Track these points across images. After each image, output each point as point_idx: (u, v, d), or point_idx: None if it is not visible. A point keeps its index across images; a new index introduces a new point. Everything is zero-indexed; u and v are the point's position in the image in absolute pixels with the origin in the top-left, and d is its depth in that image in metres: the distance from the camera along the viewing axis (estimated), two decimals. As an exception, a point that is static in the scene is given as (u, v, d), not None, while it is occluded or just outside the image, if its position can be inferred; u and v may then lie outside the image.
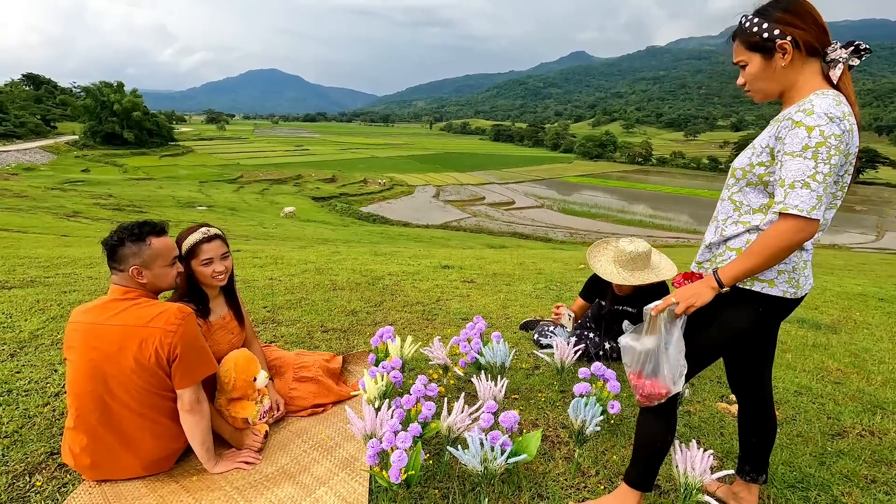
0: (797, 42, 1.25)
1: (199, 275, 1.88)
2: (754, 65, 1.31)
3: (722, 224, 1.40)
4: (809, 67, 1.28)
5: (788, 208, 1.16)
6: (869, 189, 67.65)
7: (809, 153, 1.15)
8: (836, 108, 1.18)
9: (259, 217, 24.68)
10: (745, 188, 1.34)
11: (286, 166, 61.29)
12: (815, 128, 1.16)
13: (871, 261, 15.31)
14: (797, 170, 1.16)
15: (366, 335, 3.04)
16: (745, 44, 1.32)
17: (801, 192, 1.15)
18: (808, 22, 1.25)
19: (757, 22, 1.29)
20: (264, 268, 5.09)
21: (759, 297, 1.32)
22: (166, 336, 1.55)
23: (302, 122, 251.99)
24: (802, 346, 3.26)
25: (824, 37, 1.26)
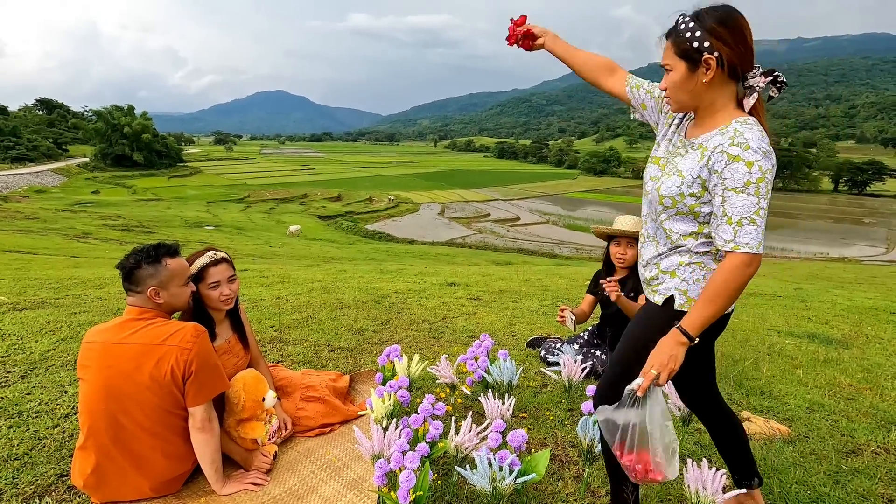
0: (722, 60, 1.20)
1: (206, 298, 1.90)
2: (678, 73, 1.26)
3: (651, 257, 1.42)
4: (728, 89, 1.26)
5: (740, 247, 1.18)
6: (877, 201, 67.23)
7: (752, 189, 1.16)
8: (764, 140, 1.18)
9: (265, 236, 24.88)
10: (675, 216, 1.33)
11: (292, 185, 61.90)
12: (753, 163, 1.15)
13: (881, 274, 15.14)
14: (743, 206, 1.17)
15: (373, 354, 3.04)
16: (676, 48, 1.26)
17: (749, 228, 1.17)
18: (739, 42, 1.21)
19: (692, 27, 1.23)
20: (271, 287, 5.12)
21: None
22: (182, 353, 1.58)
23: (308, 142, 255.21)
24: (813, 361, 3.22)
25: (749, 61, 1.23)
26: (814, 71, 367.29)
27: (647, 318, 1.44)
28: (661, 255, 1.38)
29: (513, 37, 1.64)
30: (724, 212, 1.20)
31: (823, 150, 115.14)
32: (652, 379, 1.27)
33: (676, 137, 1.39)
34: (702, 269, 1.32)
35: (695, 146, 1.29)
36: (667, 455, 1.29)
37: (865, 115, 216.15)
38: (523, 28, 1.63)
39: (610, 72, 1.56)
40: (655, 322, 1.39)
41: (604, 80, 1.56)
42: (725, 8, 1.22)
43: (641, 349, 1.37)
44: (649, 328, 1.39)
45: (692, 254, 1.33)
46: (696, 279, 1.32)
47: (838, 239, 41.76)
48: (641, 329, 1.43)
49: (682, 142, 1.36)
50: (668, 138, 1.42)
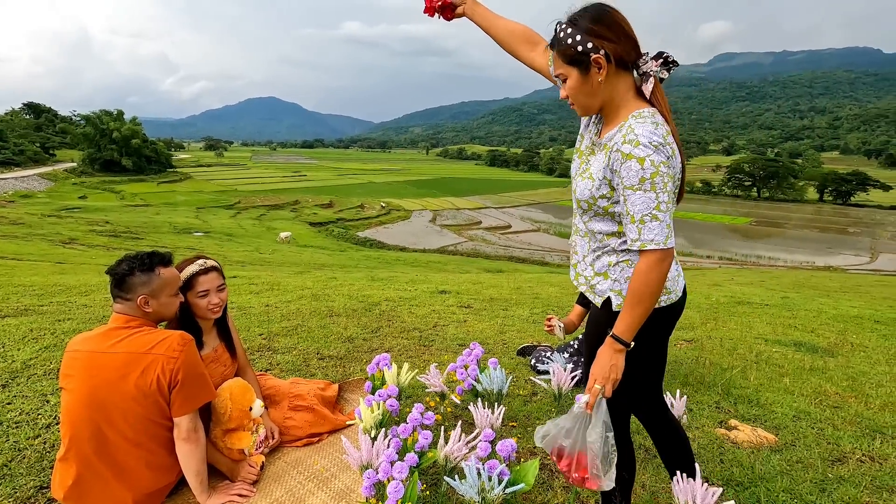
0: (609, 56, 1.19)
1: (195, 307, 1.88)
2: (573, 79, 1.26)
3: (582, 256, 1.42)
4: (623, 81, 1.25)
5: (647, 244, 1.18)
6: (861, 211, 68.44)
7: (647, 185, 1.15)
8: (657, 132, 1.17)
9: (256, 243, 24.70)
10: (595, 217, 1.34)
11: (284, 192, 61.67)
12: (645, 159, 1.14)
13: (866, 283, 15.37)
14: (642, 204, 1.17)
15: (362, 362, 3.02)
16: (563, 56, 1.25)
17: (652, 225, 1.17)
18: (620, 35, 1.20)
19: (570, 33, 1.22)
20: (260, 294, 5.08)
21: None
22: (168, 362, 1.56)
23: (300, 149, 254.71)
24: (799, 369, 3.25)
25: (635, 50, 1.23)
26: (799, 83, 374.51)
27: (593, 323, 1.45)
28: (594, 254, 1.38)
29: (430, 8, 1.58)
30: (627, 210, 1.20)
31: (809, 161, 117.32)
32: (597, 394, 1.27)
33: (594, 132, 1.38)
34: (630, 266, 1.31)
35: (601, 146, 1.29)
36: (604, 466, 1.29)
37: (849, 126, 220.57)
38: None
39: (531, 44, 1.48)
40: (601, 326, 1.39)
41: (524, 52, 1.48)
42: (596, 6, 1.23)
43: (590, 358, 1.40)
44: (597, 333, 1.40)
45: (618, 253, 1.32)
46: (627, 277, 1.31)
47: (824, 248, 42.39)
48: (591, 335, 1.45)
49: (594, 140, 1.35)
50: (589, 129, 1.40)
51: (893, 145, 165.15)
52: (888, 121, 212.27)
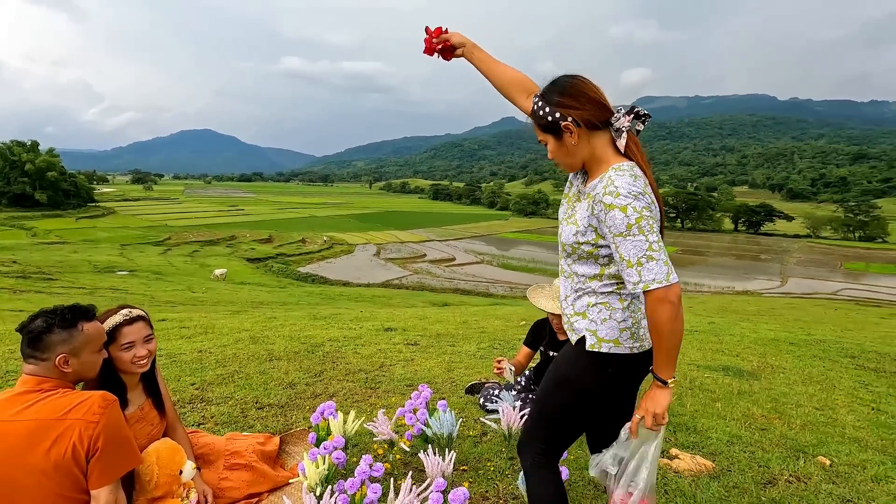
0: (578, 122, 1.32)
1: (118, 361, 1.73)
2: (551, 144, 1.40)
3: (565, 296, 1.48)
4: (600, 139, 1.35)
5: (649, 284, 1.23)
6: (770, 240, 75.34)
7: (635, 229, 1.23)
8: (635, 183, 1.26)
9: (187, 281, 23.29)
10: (578, 261, 1.40)
11: (219, 227, 59.10)
12: (627, 207, 1.23)
13: (778, 306, 16.79)
14: (635, 248, 1.23)
15: (305, 409, 2.88)
16: (539, 126, 1.41)
17: (650, 265, 1.23)
18: (584, 102, 1.32)
19: (541, 105, 1.37)
20: (192, 339, 4.75)
21: (608, 358, 1.37)
22: (87, 428, 1.39)
23: (237, 182, 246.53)
24: (729, 394, 3.45)
25: (603, 111, 1.33)
26: (710, 125, 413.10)
27: (562, 357, 1.49)
28: (575, 294, 1.43)
29: (430, 49, 1.63)
30: (621, 257, 1.26)
31: (723, 194, 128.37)
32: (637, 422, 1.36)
33: (581, 181, 1.46)
34: (607, 308, 1.37)
35: (586, 194, 1.38)
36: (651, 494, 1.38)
37: (755, 163, 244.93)
38: (441, 39, 1.62)
39: (528, 92, 1.55)
40: (570, 363, 1.44)
41: (521, 100, 1.56)
42: (563, 78, 1.37)
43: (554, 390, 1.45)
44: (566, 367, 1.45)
45: (598, 294, 1.38)
46: (603, 319, 1.37)
47: (741, 274, 46.04)
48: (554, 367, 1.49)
49: (580, 188, 1.44)
50: (577, 176, 1.49)
51: (793, 180, 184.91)
52: (786, 159, 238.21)
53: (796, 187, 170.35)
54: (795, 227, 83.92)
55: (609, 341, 1.36)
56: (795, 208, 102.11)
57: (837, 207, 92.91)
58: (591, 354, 1.37)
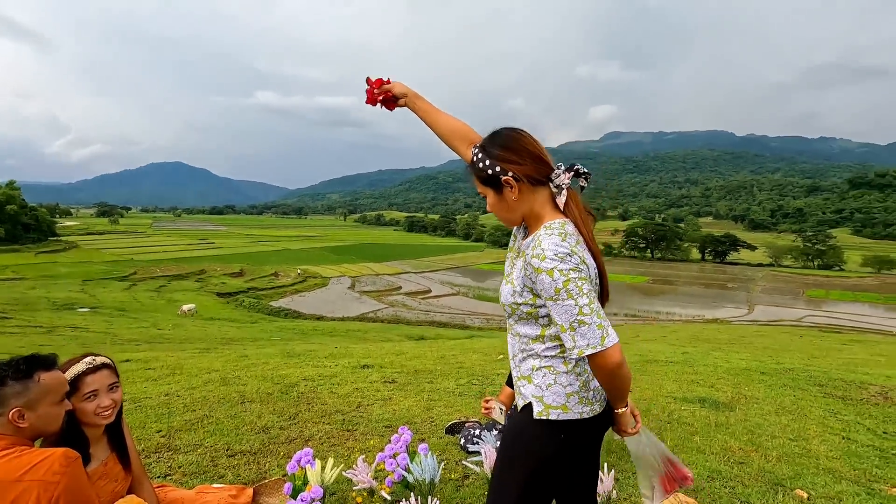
0: (518, 177, 1.29)
1: (81, 413, 1.63)
2: (491, 198, 1.36)
3: (512, 355, 1.42)
4: (540, 195, 1.33)
5: (583, 350, 1.19)
6: (736, 269, 77.96)
7: (563, 293, 1.18)
8: (562, 244, 1.22)
9: (153, 317, 22.43)
10: (519, 322, 1.35)
11: (188, 261, 57.64)
12: (553, 270, 1.18)
13: (747, 334, 17.21)
14: (566, 313, 1.19)
15: (279, 456, 2.76)
16: (478, 179, 1.37)
17: (582, 330, 1.18)
18: (525, 157, 1.30)
19: (481, 157, 1.33)
20: (159, 381, 4.55)
21: (557, 425, 1.30)
22: (47, 489, 1.30)
23: (208, 215, 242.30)
24: (706, 426, 3.48)
25: (543, 167, 1.31)
26: (674, 159, 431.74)
27: (510, 427, 1.42)
28: (521, 355, 1.37)
29: (372, 99, 1.64)
30: (555, 321, 1.23)
31: (689, 225, 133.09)
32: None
33: (521, 235, 1.43)
34: (552, 373, 1.31)
35: (521, 251, 1.34)
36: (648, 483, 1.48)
37: (718, 196, 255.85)
38: (382, 90, 1.63)
39: (469, 142, 1.54)
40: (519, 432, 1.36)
41: (463, 150, 1.56)
42: (504, 132, 1.35)
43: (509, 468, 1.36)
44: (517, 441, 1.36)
45: (542, 357, 1.33)
46: (549, 384, 1.31)
47: (710, 302, 47.25)
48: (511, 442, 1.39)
49: (520, 244, 1.40)
50: (519, 230, 1.45)
51: (753, 211, 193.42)
52: (747, 191, 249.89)
53: (757, 218, 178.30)
54: (758, 256, 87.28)
55: (556, 408, 1.30)
56: (757, 238, 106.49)
57: (796, 237, 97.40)
58: (540, 423, 1.31)
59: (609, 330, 1.20)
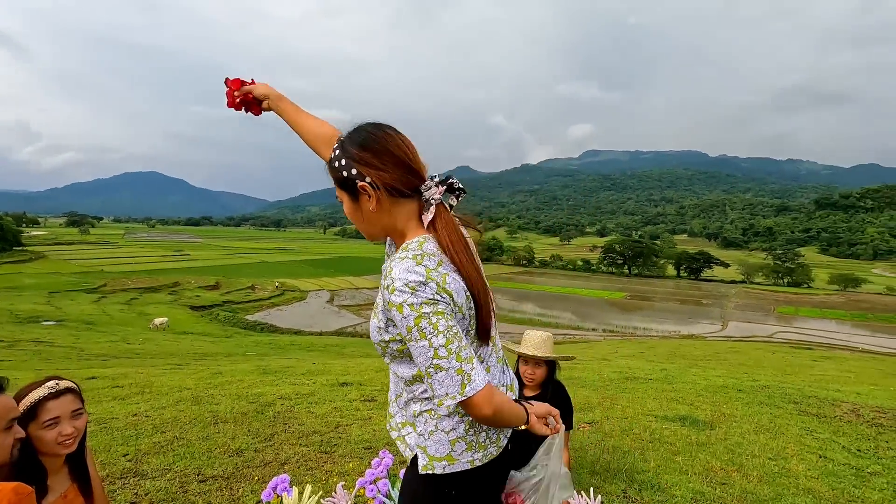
0: (376, 184, 1.06)
1: (39, 442, 1.51)
2: (346, 204, 1.14)
3: (395, 396, 1.22)
4: (405, 208, 1.11)
5: (443, 400, 1.00)
6: (710, 285, 79.79)
7: (416, 333, 0.98)
8: (415, 270, 1.00)
9: (123, 331, 21.72)
10: (393, 361, 1.13)
11: (161, 273, 56.22)
12: (402, 305, 0.98)
13: (722, 350, 17.52)
14: (421, 356, 1.00)
15: (254, 481, 2.64)
16: (333, 179, 1.14)
17: (438, 377, 0.99)
18: (387, 162, 1.07)
19: (338, 156, 1.11)
20: (127, 400, 4.36)
21: (445, 480, 1.10)
22: None
23: (184, 226, 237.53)
24: (688, 446, 3.48)
25: (410, 177, 1.08)
26: (651, 178, 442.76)
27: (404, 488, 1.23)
28: (404, 398, 1.17)
29: (232, 102, 1.53)
30: (417, 362, 1.03)
31: (665, 242, 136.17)
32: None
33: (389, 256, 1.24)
34: (433, 417, 1.11)
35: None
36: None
37: (692, 214, 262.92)
38: (242, 92, 1.50)
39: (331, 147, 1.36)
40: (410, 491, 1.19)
41: (326, 154, 1.34)
42: (368, 128, 1.12)
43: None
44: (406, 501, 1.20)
45: (421, 401, 1.13)
46: (430, 431, 1.11)
47: (686, 318, 48.13)
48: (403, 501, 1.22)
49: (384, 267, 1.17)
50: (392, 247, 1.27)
51: (726, 229, 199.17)
52: (719, 210, 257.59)
53: (730, 236, 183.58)
54: (731, 273, 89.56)
55: (441, 459, 1.09)
56: (730, 255, 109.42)
57: (767, 255, 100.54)
58: (425, 479, 1.11)
59: (474, 374, 0.99)
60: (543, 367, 2.49)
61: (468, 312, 1.07)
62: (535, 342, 2.55)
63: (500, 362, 1.24)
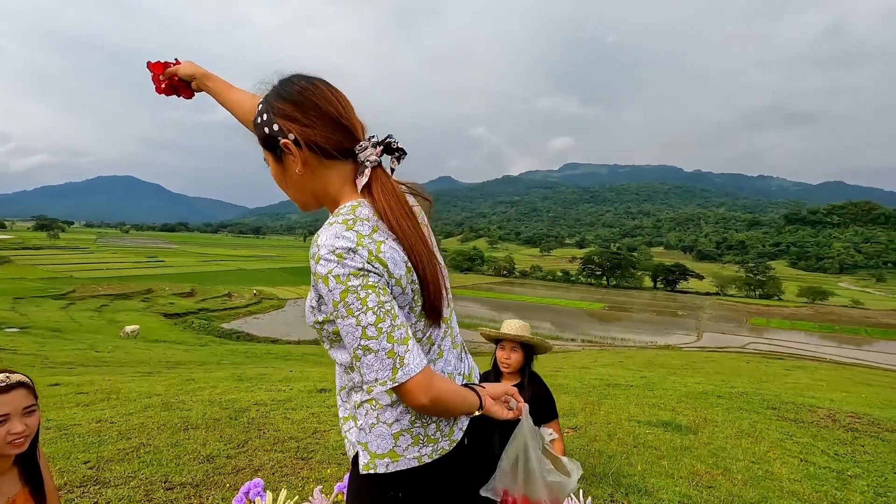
0: (300, 142, 0.93)
1: None
2: (272, 166, 1.02)
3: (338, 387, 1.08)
4: (337, 171, 0.98)
5: (372, 386, 0.88)
6: (686, 297, 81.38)
7: (343, 310, 0.86)
8: (344, 235, 0.88)
9: (91, 339, 20.93)
10: (332, 346, 1.00)
11: (134, 279, 54.70)
12: (328, 277, 0.86)
13: (698, 359, 17.77)
14: (349, 336, 0.88)
15: (225, 488, 2.50)
16: (257, 138, 1.02)
17: (367, 359, 0.87)
18: (313, 116, 0.94)
19: (261, 109, 0.99)
20: (91, 406, 4.14)
21: (389, 480, 0.96)
22: None
23: (159, 232, 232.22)
24: (673, 450, 3.45)
25: (340, 135, 0.95)
26: (629, 191, 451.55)
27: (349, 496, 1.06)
28: (347, 389, 1.04)
29: (164, 88, 1.45)
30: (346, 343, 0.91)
31: (642, 254, 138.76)
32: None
33: None
34: (374, 408, 0.97)
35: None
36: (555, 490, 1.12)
37: (668, 227, 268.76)
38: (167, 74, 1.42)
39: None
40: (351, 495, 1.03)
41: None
42: (294, 80, 0.99)
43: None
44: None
45: (361, 390, 0.99)
46: (371, 424, 0.97)
47: (662, 329, 48.86)
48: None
49: None
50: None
51: (701, 242, 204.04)
52: (694, 223, 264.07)
53: (704, 249, 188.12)
54: (706, 285, 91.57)
55: (383, 456, 0.95)
56: (704, 268, 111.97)
57: (739, 268, 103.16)
58: (369, 479, 0.96)
59: (408, 357, 0.88)
60: (520, 352, 2.43)
61: (410, 287, 0.94)
62: (513, 326, 2.51)
63: (457, 348, 1.11)
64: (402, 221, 0.95)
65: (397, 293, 0.92)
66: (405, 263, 0.93)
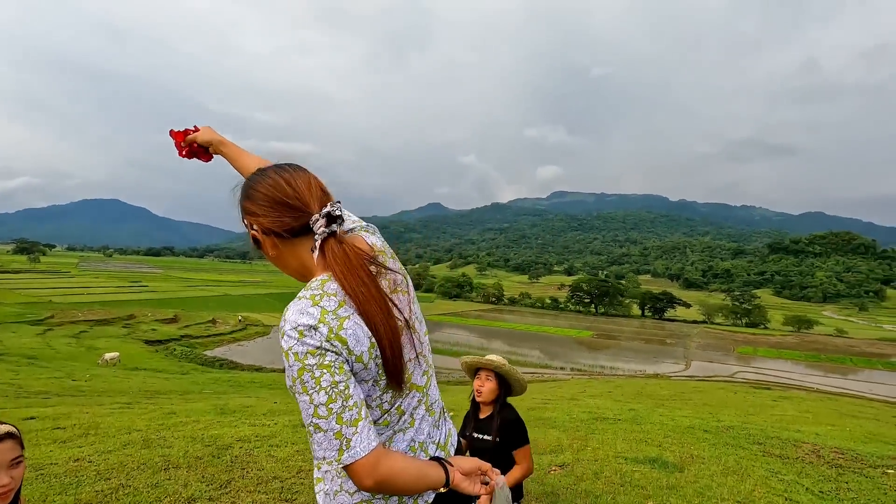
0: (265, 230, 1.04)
1: None
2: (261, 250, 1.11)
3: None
4: (304, 247, 1.04)
5: (321, 463, 0.92)
6: (673, 325, 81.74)
7: (298, 386, 0.90)
8: (309, 311, 0.92)
9: (69, 366, 20.35)
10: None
11: (115, 305, 53.59)
12: (289, 353, 0.90)
13: (687, 389, 17.77)
14: (304, 412, 0.91)
15: (206, 533, 2.45)
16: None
17: (317, 437, 0.90)
18: (263, 205, 1.02)
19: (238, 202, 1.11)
20: (69, 443, 4.03)
21: None
22: None
23: (143, 256, 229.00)
24: (659, 489, 3.45)
25: (287, 217, 1.01)
26: (616, 219, 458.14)
27: None
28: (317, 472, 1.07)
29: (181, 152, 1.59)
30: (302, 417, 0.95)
31: (630, 282, 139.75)
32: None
33: None
34: (338, 475, 0.99)
35: None
36: None
37: (655, 255, 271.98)
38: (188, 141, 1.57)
39: None
40: None
41: None
42: (252, 177, 1.09)
43: None
44: None
45: None
46: (336, 491, 1.00)
47: (651, 358, 48.84)
48: None
49: None
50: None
51: (687, 271, 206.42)
52: (680, 252, 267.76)
53: (691, 277, 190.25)
54: (693, 313, 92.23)
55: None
56: (691, 296, 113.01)
57: (725, 296, 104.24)
58: None
59: (355, 440, 0.89)
60: (494, 382, 2.46)
61: (374, 361, 0.96)
62: (491, 356, 2.55)
63: (434, 414, 1.13)
64: (357, 290, 0.96)
65: (359, 369, 0.94)
66: (369, 339, 0.95)
